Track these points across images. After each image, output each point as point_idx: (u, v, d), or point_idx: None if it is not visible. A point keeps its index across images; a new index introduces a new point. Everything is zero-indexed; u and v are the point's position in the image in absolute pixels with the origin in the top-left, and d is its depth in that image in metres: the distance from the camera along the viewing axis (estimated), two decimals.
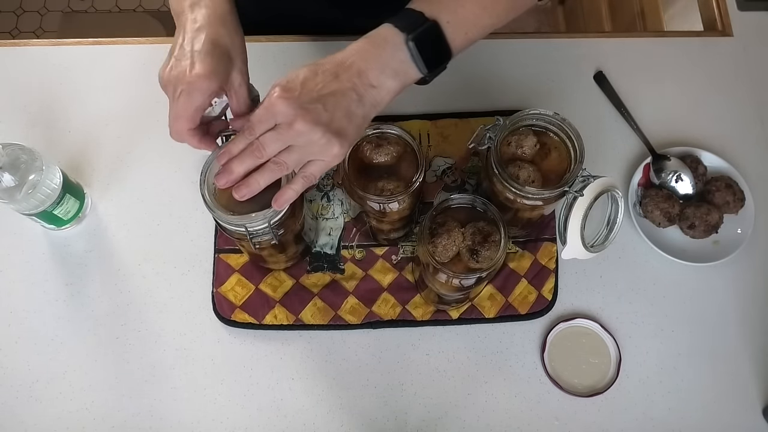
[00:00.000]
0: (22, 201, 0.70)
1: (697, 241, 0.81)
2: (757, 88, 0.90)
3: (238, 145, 0.56)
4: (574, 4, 1.89)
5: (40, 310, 0.77)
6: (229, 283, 0.78)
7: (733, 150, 0.86)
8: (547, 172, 0.67)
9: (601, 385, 0.76)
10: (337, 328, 0.77)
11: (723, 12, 0.94)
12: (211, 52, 0.57)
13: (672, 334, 0.79)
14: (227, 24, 0.60)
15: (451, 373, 0.77)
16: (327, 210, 0.82)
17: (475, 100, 0.87)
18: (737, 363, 0.78)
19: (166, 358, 0.76)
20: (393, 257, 0.80)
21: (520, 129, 0.68)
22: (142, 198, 0.82)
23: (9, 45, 0.89)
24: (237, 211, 0.60)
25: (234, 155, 0.56)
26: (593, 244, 0.67)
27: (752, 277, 0.81)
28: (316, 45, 0.90)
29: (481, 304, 0.78)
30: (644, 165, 0.83)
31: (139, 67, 0.88)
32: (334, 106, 0.54)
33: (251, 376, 0.76)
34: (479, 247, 0.63)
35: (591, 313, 0.79)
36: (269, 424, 0.74)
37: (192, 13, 0.59)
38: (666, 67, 0.91)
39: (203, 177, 0.60)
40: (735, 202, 0.80)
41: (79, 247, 0.80)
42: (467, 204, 0.66)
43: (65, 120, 0.85)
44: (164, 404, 0.75)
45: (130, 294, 0.78)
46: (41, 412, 0.74)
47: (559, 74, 0.90)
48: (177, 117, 0.58)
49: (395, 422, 0.75)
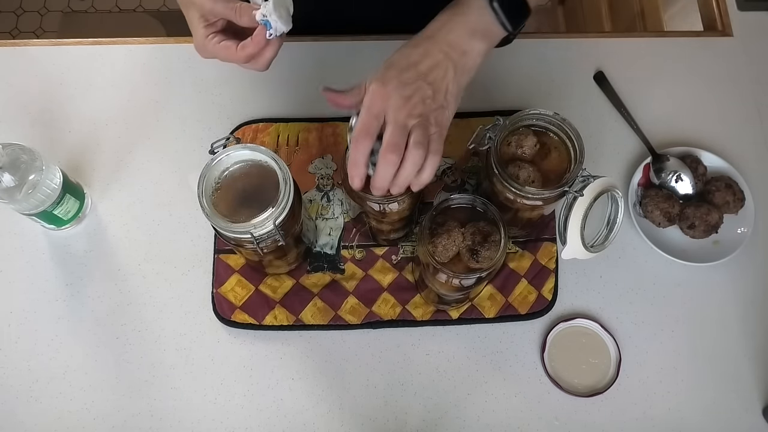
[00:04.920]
0: (22, 201, 0.70)
1: (697, 241, 0.81)
2: (757, 88, 0.90)
3: (360, 153, 0.56)
4: (574, 4, 1.89)
5: (40, 310, 0.77)
6: (229, 283, 0.78)
7: (733, 150, 0.86)
8: (547, 172, 0.67)
9: (601, 385, 0.76)
10: (337, 328, 0.77)
11: (723, 12, 0.94)
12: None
13: (672, 334, 0.79)
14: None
15: (451, 373, 0.77)
16: (327, 210, 0.82)
17: (475, 100, 0.87)
18: (737, 363, 0.78)
19: (166, 358, 0.76)
20: (393, 257, 0.80)
21: (520, 129, 0.68)
22: (142, 198, 0.82)
23: (9, 45, 0.89)
24: (237, 219, 0.60)
25: (364, 162, 0.57)
26: (593, 244, 0.67)
27: (752, 277, 0.81)
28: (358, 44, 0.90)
29: (481, 304, 0.78)
30: (644, 165, 0.83)
31: (139, 67, 0.88)
32: (434, 80, 0.57)
33: (251, 376, 0.76)
34: (479, 247, 0.63)
35: (591, 313, 0.79)
36: (269, 424, 0.74)
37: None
38: (666, 67, 0.91)
39: (201, 188, 0.60)
40: (735, 202, 0.80)
41: (79, 247, 0.80)
42: (467, 204, 0.66)
43: (65, 120, 0.85)
44: (164, 404, 0.75)
45: (130, 294, 0.78)
46: (41, 412, 0.74)
47: (559, 74, 0.90)
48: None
49: (395, 422, 0.75)
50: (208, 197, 0.61)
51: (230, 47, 0.60)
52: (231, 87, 0.87)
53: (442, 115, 0.58)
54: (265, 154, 0.62)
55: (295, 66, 0.89)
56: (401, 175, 0.57)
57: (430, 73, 0.57)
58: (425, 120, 0.57)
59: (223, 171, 0.63)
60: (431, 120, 0.57)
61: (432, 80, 0.57)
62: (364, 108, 0.56)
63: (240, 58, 0.60)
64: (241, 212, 0.61)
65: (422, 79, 0.57)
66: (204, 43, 0.61)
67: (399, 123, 0.55)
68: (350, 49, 0.89)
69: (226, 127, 0.85)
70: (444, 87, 0.58)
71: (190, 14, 0.61)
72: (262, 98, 0.87)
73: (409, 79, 0.56)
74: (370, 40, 0.90)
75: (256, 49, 0.59)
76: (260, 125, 0.85)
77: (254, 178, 0.63)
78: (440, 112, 0.58)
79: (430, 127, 0.57)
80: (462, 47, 0.58)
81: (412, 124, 0.56)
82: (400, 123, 0.55)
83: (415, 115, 0.56)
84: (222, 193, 0.63)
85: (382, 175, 0.56)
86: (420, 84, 0.56)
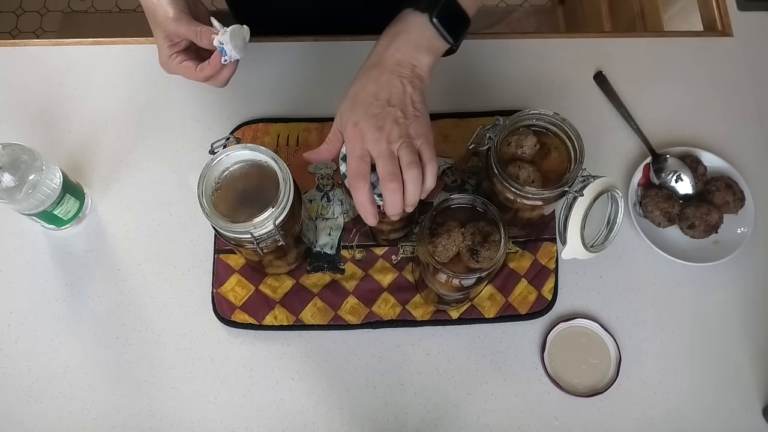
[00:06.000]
0: (22, 201, 0.70)
1: (697, 241, 0.81)
2: (757, 88, 0.90)
3: (361, 196, 0.58)
4: (574, 4, 1.89)
5: (40, 310, 0.77)
6: (229, 283, 0.78)
7: (733, 150, 0.86)
8: (547, 172, 0.67)
9: (601, 385, 0.76)
10: (337, 328, 0.77)
11: (723, 12, 0.94)
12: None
13: (672, 334, 0.79)
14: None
15: (451, 373, 0.77)
16: (327, 210, 0.82)
17: (475, 100, 0.87)
18: (737, 363, 0.78)
19: (166, 358, 0.76)
20: (393, 257, 0.80)
21: (520, 129, 0.68)
22: (142, 198, 0.82)
23: (9, 45, 0.89)
24: (237, 219, 0.60)
25: (370, 201, 0.59)
26: (593, 244, 0.67)
27: (752, 277, 0.81)
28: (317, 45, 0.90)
29: (481, 304, 0.78)
30: (644, 165, 0.83)
31: (139, 67, 0.88)
32: (396, 101, 0.59)
33: (251, 376, 0.76)
34: (479, 247, 0.63)
35: (591, 313, 0.79)
36: (269, 424, 0.74)
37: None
38: (666, 67, 0.91)
39: (201, 188, 0.60)
40: (735, 202, 0.80)
41: (79, 247, 0.80)
42: (467, 204, 0.66)
43: (65, 120, 0.85)
44: (164, 404, 0.75)
45: (130, 294, 0.78)
46: (41, 412, 0.74)
47: (559, 74, 0.90)
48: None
49: (395, 422, 0.75)
50: (208, 197, 0.61)
51: (190, 67, 0.67)
52: (231, 87, 0.86)
53: (419, 125, 0.59)
54: (265, 154, 0.62)
55: (295, 66, 0.89)
56: (407, 195, 0.59)
57: (391, 98, 0.59)
58: (406, 138, 0.58)
59: (223, 171, 0.63)
60: (412, 134, 0.59)
61: (395, 102, 0.59)
62: (348, 154, 0.59)
63: (199, 78, 0.67)
64: (241, 212, 0.61)
65: (386, 105, 0.59)
66: (167, 62, 0.67)
67: (384, 153, 0.58)
68: (350, 49, 0.89)
69: (226, 127, 0.85)
70: (408, 101, 0.59)
71: (156, 33, 0.67)
72: (262, 98, 0.87)
73: (375, 109, 0.58)
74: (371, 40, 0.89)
75: (212, 71, 0.67)
76: (260, 125, 0.85)
77: (254, 178, 0.63)
78: (416, 123, 0.59)
79: (415, 141, 0.59)
80: (410, 62, 0.61)
81: (396, 147, 0.58)
82: (386, 153, 0.58)
83: (395, 139, 0.58)
84: (222, 193, 0.63)
85: (390, 204, 0.59)
86: (387, 110, 0.58)
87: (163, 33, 0.66)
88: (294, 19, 0.92)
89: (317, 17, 0.92)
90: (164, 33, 0.66)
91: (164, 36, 0.66)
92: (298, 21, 0.92)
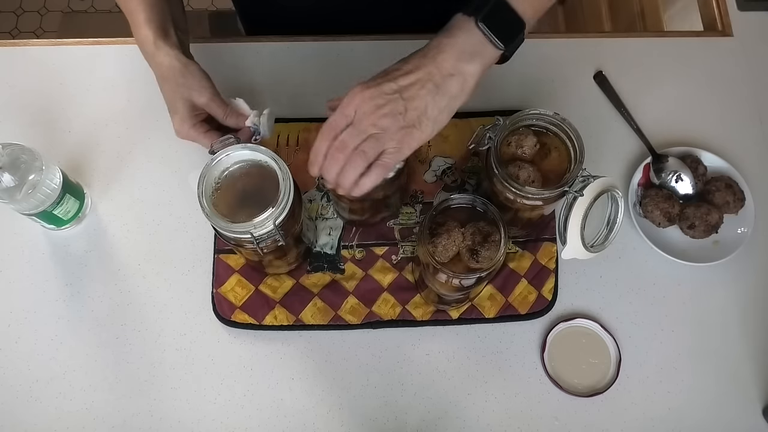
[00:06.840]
0: (22, 201, 0.70)
1: (697, 241, 0.81)
2: (757, 88, 0.90)
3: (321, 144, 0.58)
4: (574, 4, 1.89)
5: (40, 310, 0.77)
6: (229, 283, 0.78)
7: (733, 150, 0.86)
8: (547, 172, 0.67)
9: (601, 385, 0.76)
10: (337, 328, 0.77)
11: (723, 12, 0.94)
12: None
13: (672, 334, 0.79)
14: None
15: (451, 373, 0.77)
16: (327, 210, 0.82)
17: (475, 100, 0.87)
18: (737, 363, 0.78)
19: (166, 358, 0.76)
20: (393, 257, 0.80)
21: (520, 129, 0.68)
22: (142, 198, 0.82)
23: (9, 45, 0.89)
24: (237, 219, 0.60)
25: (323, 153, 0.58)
26: (593, 244, 0.67)
27: (752, 277, 0.81)
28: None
29: (481, 304, 0.78)
30: (644, 165, 0.83)
31: (139, 67, 0.88)
32: (411, 97, 0.57)
33: (251, 376, 0.76)
34: (479, 247, 0.63)
35: (591, 313, 0.79)
36: (269, 424, 0.74)
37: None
38: (666, 67, 0.91)
39: (201, 188, 0.60)
40: (735, 202, 0.80)
41: (79, 247, 0.80)
42: (467, 204, 0.66)
43: (65, 120, 0.85)
44: (164, 404, 0.75)
45: (130, 294, 0.78)
46: (41, 412, 0.74)
47: (559, 74, 0.90)
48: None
49: (395, 422, 0.75)
50: (208, 197, 0.61)
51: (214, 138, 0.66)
52: (231, 87, 0.87)
53: (409, 136, 0.57)
54: (265, 154, 0.62)
55: (295, 66, 0.89)
56: (341, 177, 0.58)
57: (408, 89, 0.57)
58: (385, 134, 0.57)
59: (223, 171, 0.63)
60: (393, 136, 0.57)
61: (408, 97, 0.57)
62: (341, 104, 0.58)
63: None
64: (241, 212, 0.61)
65: (400, 93, 0.57)
66: (187, 130, 0.67)
67: (359, 127, 0.57)
68: (350, 49, 0.89)
69: None
70: (419, 106, 0.57)
71: (177, 103, 0.66)
72: (262, 98, 0.87)
73: (388, 89, 0.57)
74: (371, 40, 0.90)
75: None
76: None
77: (254, 178, 0.63)
78: (407, 132, 0.57)
79: (388, 142, 0.57)
80: (448, 70, 0.57)
81: (371, 133, 0.57)
82: (360, 128, 0.57)
83: (379, 126, 0.56)
84: (222, 193, 0.63)
85: (326, 168, 0.58)
86: (396, 98, 0.57)
87: (189, 102, 0.66)
88: (296, 18, 0.92)
89: (319, 15, 0.92)
90: (190, 102, 0.66)
91: (190, 105, 0.66)
92: (299, 20, 0.92)
